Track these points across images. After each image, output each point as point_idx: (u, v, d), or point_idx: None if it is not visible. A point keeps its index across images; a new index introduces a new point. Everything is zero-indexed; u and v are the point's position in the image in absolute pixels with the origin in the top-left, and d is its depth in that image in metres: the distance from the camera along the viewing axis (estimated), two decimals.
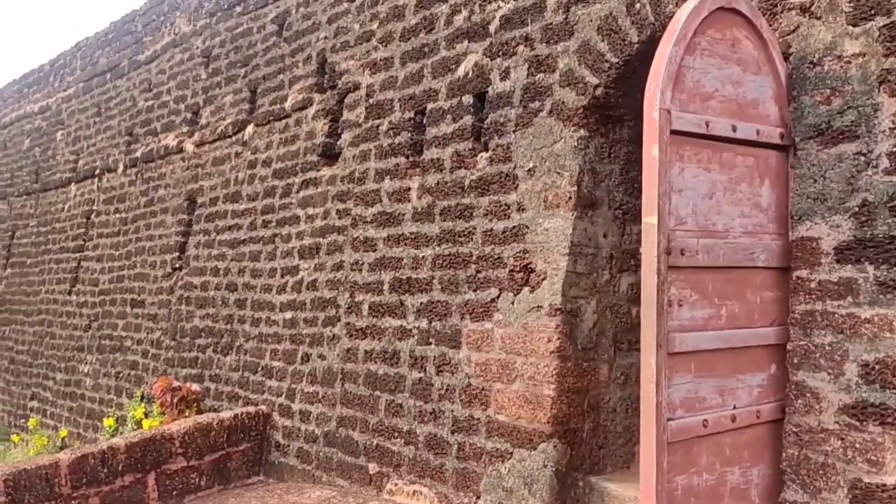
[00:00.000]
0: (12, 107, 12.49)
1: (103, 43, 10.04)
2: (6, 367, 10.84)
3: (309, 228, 6.22)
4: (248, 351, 6.62)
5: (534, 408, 4.13)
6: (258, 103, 7.13)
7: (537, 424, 4.10)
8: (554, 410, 4.04)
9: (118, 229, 9.03)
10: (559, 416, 4.06)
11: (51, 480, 5.17)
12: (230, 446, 6.01)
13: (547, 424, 4.05)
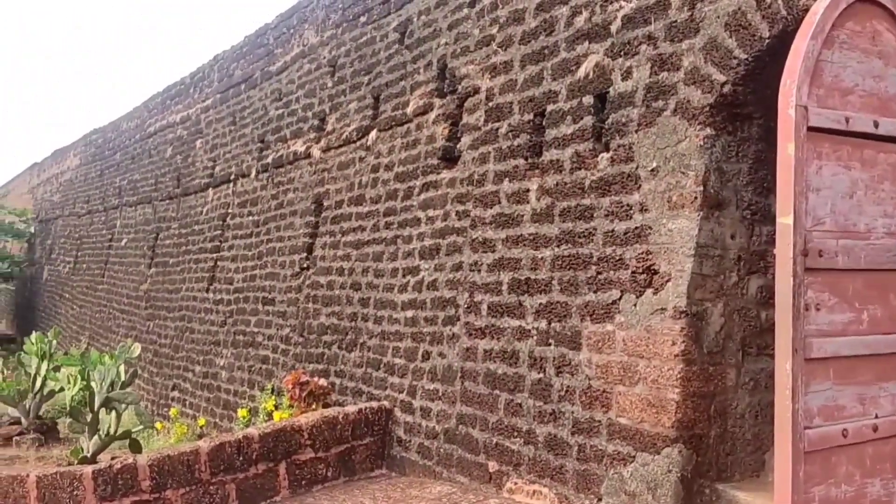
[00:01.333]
0: (157, 117, 13.30)
1: (238, 56, 10.53)
2: (150, 359, 11.53)
3: (429, 230, 6.30)
4: (371, 348, 6.78)
5: (657, 411, 4.01)
6: (381, 109, 7.28)
7: (661, 428, 3.98)
8: (679, 415, 3.92)
9: (251, 231, 9.43)
10: (684, 421, 3.92)
11: (191, 466, 5.44)
12: (354, 440, 6.15)
13: (671, 429, 3.93)
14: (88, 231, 16.48)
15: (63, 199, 19.00)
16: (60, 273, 18.11)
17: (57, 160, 20.25)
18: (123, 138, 14.97)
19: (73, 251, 17.31)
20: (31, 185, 23.16)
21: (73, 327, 16.02)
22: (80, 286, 16.35)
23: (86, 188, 17.14)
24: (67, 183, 18.83)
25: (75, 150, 18.47)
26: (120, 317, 13.59)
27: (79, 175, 17.87)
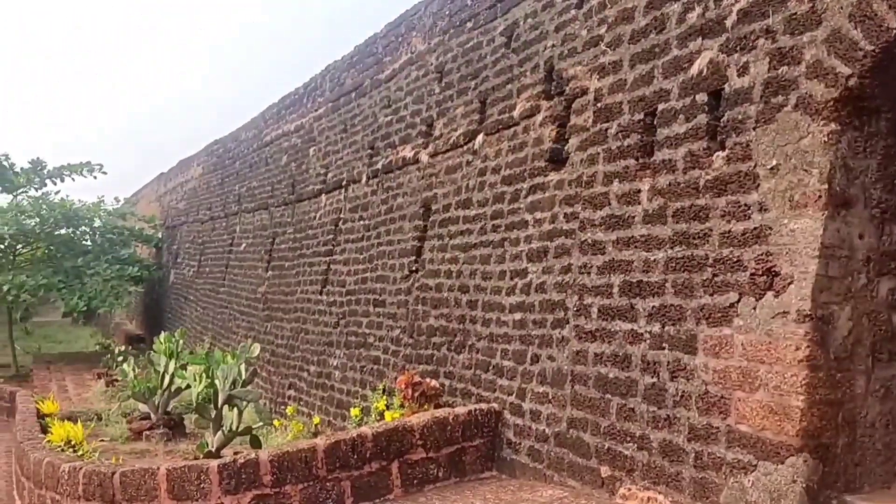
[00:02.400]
0: (272, 127, 13.82)
1: (349, 65, 10.81)
2: (268, 359, 11.98)
3: (537, 232, 6.26)
4: (479, 350, 6.80)
5: (780, 419, 3.84)
6: (488, 113, 7.30)
7: (784, 437, 3.81)
8: (804, 423, 3.73)
9: (362, 235, 9.65)
10: (810, 430, 3.74)
11: (309, 463, 5.62)
12: (464, 441, 6.19)
13: (796, 437, 3.75)
14: (210, 236, 17.30)
15: (187, 207, 20.02)
16: (185, 276, 19.09)
17: (182, 170, 21.36)
18: (242, 148, 15.63)
19: (197, 255, 18.20)
20: (158, 194, 24.53)
21: (197, 328, 16.85)
22: (204, 289, 17.17)
23: (208, 196, 18.00)
24: (191, 191, 19.83)
25: (198, 161, 19.44)
26: (240, 318, 14.18)
27: (202, 183, 18.78)
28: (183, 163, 21.33)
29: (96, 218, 20.61)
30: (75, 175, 21.10)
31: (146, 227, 22.73)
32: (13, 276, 17.85)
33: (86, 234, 20.64)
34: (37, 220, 18.90)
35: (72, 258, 19.25)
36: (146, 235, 22.23)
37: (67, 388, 15.98)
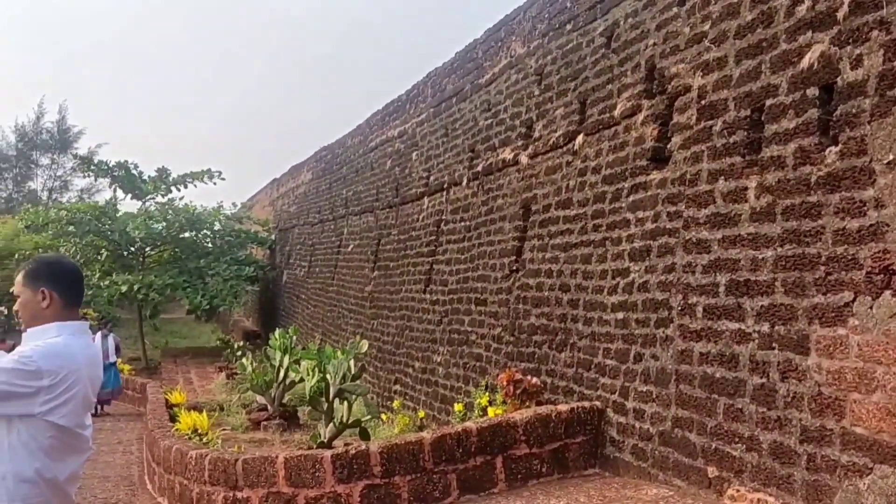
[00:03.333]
0: (377, 133, 14.10)
1: (449, 71, 10.90)
2: (375, 354, 12.22)
3: (639, 231, 6.13)
4: (581, 348, 6.72)
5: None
6: (587, 114, 7.21)
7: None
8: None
9: (463, 236, 9.72)
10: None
11: (416, 455, 5.70)
12: (567, 438, 6.13)
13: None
14: (320, 238, 17.81)
15: (298, 210, 20.68)
16: (297, 276, 19.72)
17: (293, 175, 22.09)
18: (348, 153, 16.02)
19: (308, 257, 18.78)
20: (271, 198, 25.46)
21: (308, 325, 17.38)
22: (314, 288, 17.70)
23: (317, 200, 18.54)
24: (301, 195, 20.48)
25: (308, 166, 20.06)
26: (348, 316, 14.54)
27: (311, 188, 19.37)
28: (293, 169, 22.05)
29: (216, 222, 21.59)
30: (197, 182, 22.18)
31: (261, 230, 23.63)
32: (143, 277, 18.94)
33: (207, 238, 21.66)
34: (163, 225, 19.99)
35: (195, 260, 20.25)
36: (261, 238, 23.10)
37: (192, 380, 16.83)
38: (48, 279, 3.04)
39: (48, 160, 36.27)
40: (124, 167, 21.53)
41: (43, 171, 36.45)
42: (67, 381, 2.90)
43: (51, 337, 2.96)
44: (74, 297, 3.15)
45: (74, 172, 35.35)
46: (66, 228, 19.61)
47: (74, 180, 36.30)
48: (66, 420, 2.91)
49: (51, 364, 2.88)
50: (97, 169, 22.33)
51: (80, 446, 3.08)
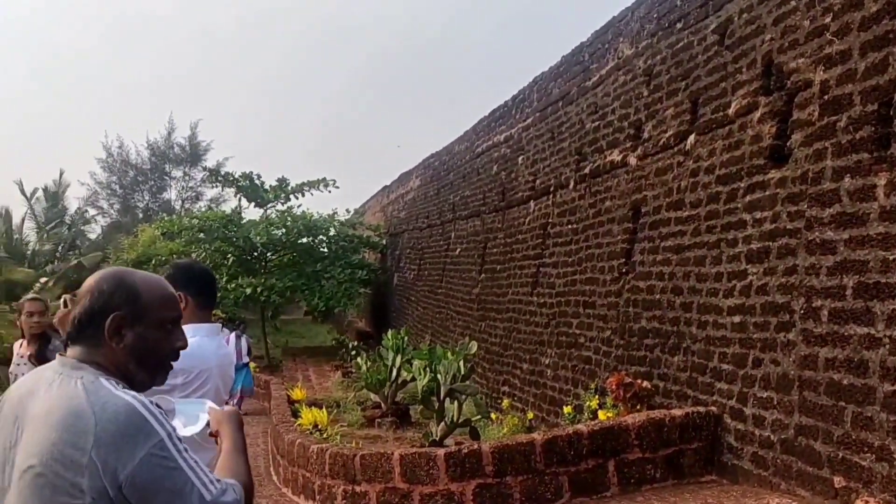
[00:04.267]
0: (483, 139, 14.10)
1: (555, 75, 10.76)
2: (483, 356, 12.21)
3: (756, 232, 5.83)
4: (695, 352, 6.45)
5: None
6: (699, 113, 6.92)
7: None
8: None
9: (570, 238, 9.55)
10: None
11: (528, 456, 5.63)
12: (682, 443, 5.89)
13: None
14: (428, 242, 17.99)
15: (408, 215, 20.98)
16: (407, 279, 20.00)
17: (402, 182, 22.45)
18: (455, 160, 16.11)
19: (417, 260, 19.01)
20: (382, 204, 25.96)
21: (418, 326, 17.57)
22: (423, 290, 17.89)
23: (425, 205, 18.75)
24: (411, 201, 20.77)
25: (416, 173, 20.32)
26: (456, 317, 14.60)
27: (419, 194, 19.61)
28: (403, 176, 22.40)
29: (331, 228, 22.18)
30: (313, 190, 22.88)
31: (372, 235, 24.12)
32: (265, 280, 19.71)
33: (323, 243, 22.28)
34: (283, 231, 20.71)
35: (311, 264, 20.88)
36: (373, 242, 23.57)
37: (311, 377, 17.36)
38: (183, 283, 3.17)
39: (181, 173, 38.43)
40: (248, 178, 22.47)
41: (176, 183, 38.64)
42: (200, 379, 3.00)
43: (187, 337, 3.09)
44: (208, 300, 3.27)
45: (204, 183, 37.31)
46: (197, 235, 20.66)
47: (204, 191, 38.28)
48: None
49: (184, 363, 2.98)
50: (224, 180, 23.43)
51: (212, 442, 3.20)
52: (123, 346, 1.74)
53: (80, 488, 1.53)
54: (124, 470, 1.52)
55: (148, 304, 1.78)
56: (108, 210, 37.18)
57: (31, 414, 1.65)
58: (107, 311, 1.73)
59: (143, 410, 1.59)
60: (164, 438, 1.57)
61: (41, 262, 25.63)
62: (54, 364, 1.77)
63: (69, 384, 1.64)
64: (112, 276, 1.79)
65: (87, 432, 1.54)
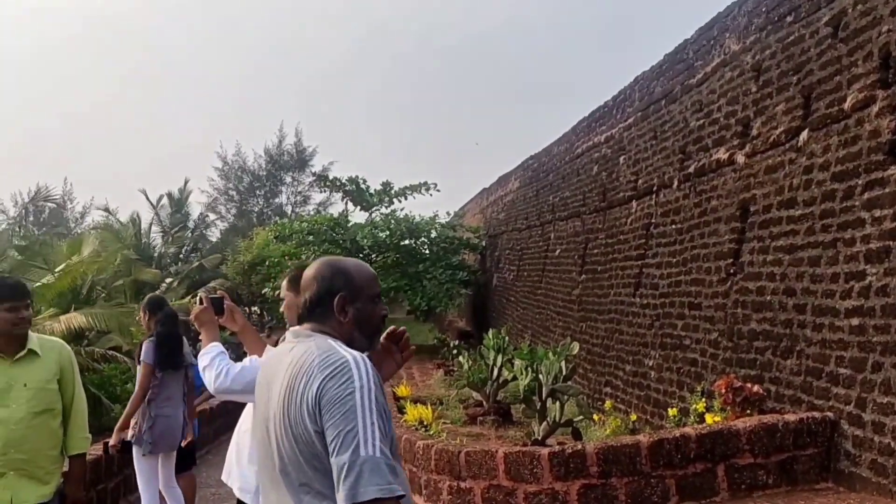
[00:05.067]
0: (583, 139, 13.92)
1: (658, 73, 10.50)
2: (584, 356, 12.04)
3: (876, 231, 5.49)
4: (809, 356, 6.14)
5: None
6: (812, 108, 6.59)
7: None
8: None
9: (674, 239, 9.29)
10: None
11: (633, 458, 5.52)
12: (795, 449, 5.63)
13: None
14: (528, 243, 17.91)
15: (507, 217, 20.97)
16: (506, 280, 19.99)
17: (501, 184, 22.45)
18: (554, 161, 15.97)
19: (516, 261, 18.97)
20: (481, 207, 26.05)
21: (518, 326, 17.53)
22: (523, 291, 17.83)
23: (524, 206, 18.68)
24: (510, 203, 20.75)
25: (515, 175, 20.28)
26: (556, 318, 14.47)
27: (518, 196, 19.56)
28: (502, 178, 22.41)
29: (432, 230, 22.46)
30: (415, 193, 23.25)
31: (472, 237, 24.25)
32: None
33: (424, 245, 22.59)
34: (387, 233, 21.16)
35: (414, 265, 21.21)
36: (472, 244, 23.70)
37: (414, 375, 17.62)
38: None
39: (290, 178, 39.90)
40: (354, 182, 23.09)
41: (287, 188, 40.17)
42: None
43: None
44: None
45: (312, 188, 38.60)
46: (306, 238, 21.40)
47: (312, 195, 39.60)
48: None
49: None
50: (332, 184, 24.16)
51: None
52: (348, 320, 2.09)
53: (304, 419, 1.85)
54: (322, 398, 1.82)
55: (360, 283, 2.12)
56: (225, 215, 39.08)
57: (277, 374, 2.01)
58: (333, 292, 2.08)
59: (353, 364, 1.87)
60: (356, 389, 1.82)
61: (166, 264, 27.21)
62: (289, 335, 2.14)
63: (305, 345, 2.00)
64: (328, 265, 2.15)
65: (313, 378, 1.86)
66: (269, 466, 1.96)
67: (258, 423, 2.07)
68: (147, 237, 27.63)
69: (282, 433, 1.90)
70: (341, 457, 1.74)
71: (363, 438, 1.75)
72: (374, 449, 1.75)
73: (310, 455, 1.84)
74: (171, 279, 24.55)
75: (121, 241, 23.22)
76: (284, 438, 1.89)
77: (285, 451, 1.89)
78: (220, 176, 39.31)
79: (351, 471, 1.72)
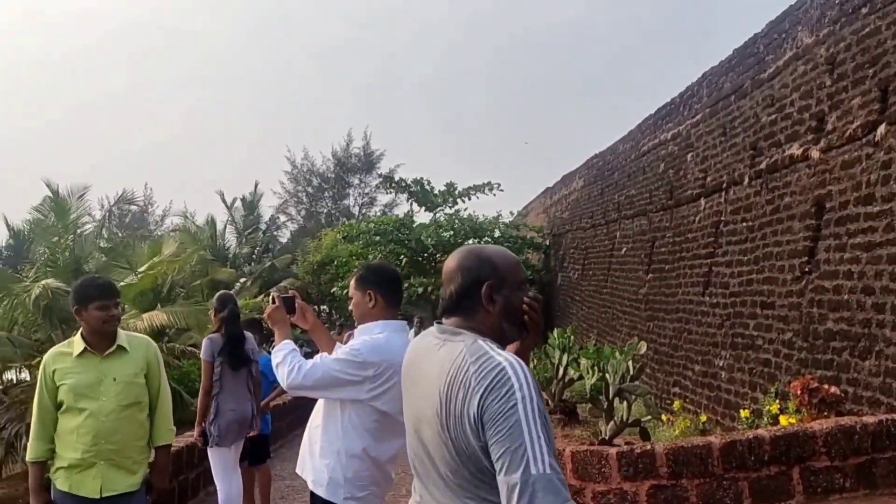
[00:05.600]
0: (649, 137, 13.66)
1: (726, 69, 10.22)
2: (651, 356, 11.82)
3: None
4: (889, 356, 5.88)
5: None
6: (889, 102, 6.31)
7: None
8: None
9: (745, 237, 9.03)
10: None
11: (704, 459, 5.38)
12: (874, 452, 5.38)
13: None
14: (592, 242, 17.69)
15: (571, 216, 20.77)
16: (571, 279, 19.79)
17: (565, 183, 22.24)
18: (620, 159, 15.73)
19: (581, 260, 18.76)
20: (544, 206, 25.86)
21: (583, 325, 17.34)
22: (588, 290, 17.62)
23: (589, 205, 18.46)
24: (574, 202, 20.53)
25: (579, 174, 20.06)
26: (622, 317, 14.25)
27: (583, 195, 19.33)
28: (565, 177, 22.20)
29: (496, 230, 22.44)
30: (479, 193, 23.25)
31: (535, 236, 24.11)
32: (434, 279, 20.30)
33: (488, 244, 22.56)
34: (451, 233, 21.23)
35: None
36: (535, 243, 23.56)
37: None
38: (373, 283, 3.35)
39: (357, 180, 40.47)
40: (419, 183, 23.26)
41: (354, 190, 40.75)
42: (389, 371, 3.15)
43: (376, 333, 3.24)
44: (395, 299, 3.42)
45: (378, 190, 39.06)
46: (373, 238, 21.68)
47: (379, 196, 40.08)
48: (387, 406, 3.17)
49: (375, 357, 3.16)
50: (397, 186, 24.41)
51: (399, 431, 3.35)
52: (497, 310, 1.96)
53: (467, 434, 1.75)
54: (485, 414, 1.71)
55: (505, 270, 2.00)
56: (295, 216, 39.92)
57: (424, 373, 1.94)
58: (480, 282, 1.96)
59: (511, 372, 1.75)
60: (518, 401, 1.70)
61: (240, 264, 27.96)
62: (433, 331, 2.04)
63: (454, 346, 1.88)
64: (473, 254, 2.04)
65: (471, 392, 1.75)
66: (425, 466, 1.90)
67: (409, 418, 2.01)
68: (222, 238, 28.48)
69: (440, 443, 1.82)
70: (511, 476, 1.63)
71: (532, 455, 1.64)
72: (545, 465, 1.63)
73: (475, 469, 1.77)
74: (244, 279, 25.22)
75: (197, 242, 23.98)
76: (445, 449, 1.81)
77: (446, 461, 1.81)
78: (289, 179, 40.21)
79: (524, 492, 1.61)
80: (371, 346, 3.16)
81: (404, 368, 2.11)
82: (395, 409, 3.22)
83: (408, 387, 2.05)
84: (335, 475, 3.17)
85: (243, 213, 30.32)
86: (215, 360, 5.73)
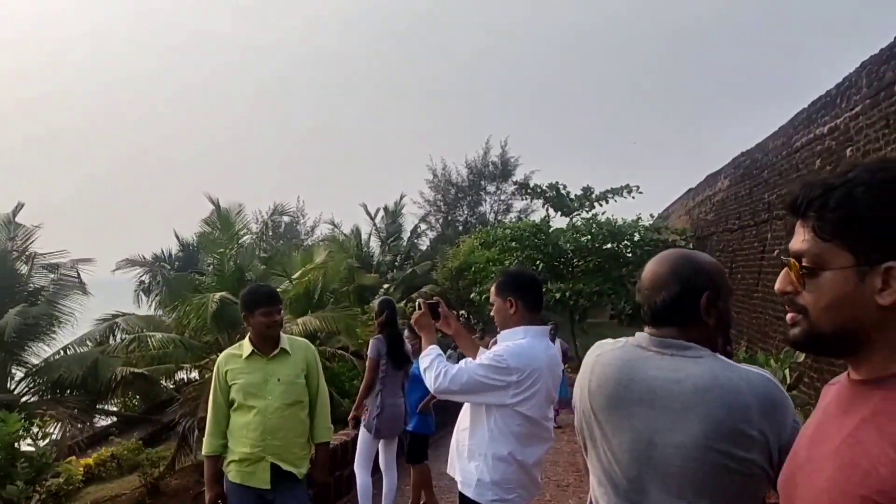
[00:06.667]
0: (802, 132, 12.79)
1: (888, 57, 9.38)
2: (810, 364, 11.02)
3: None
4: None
5: None
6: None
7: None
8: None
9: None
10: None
11: None
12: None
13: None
14: (740, 244, 16.78)
15: (716, 217, 19.80)
16: None
17: (709, 184, 21.25)
18: (770, 157, 14.83)
19: (728, 263, 17.83)
20: (687, 208, 24.83)
21: (732, 331, 16.44)
22: (737, 294, 16.71)
23: (736, 206, 17.52)
24: (719, 203, 19.57)
25: (725, 174, 19.09)
26: (775, 323, 13.39)
27: (729, 195, 18.39)
28: (710, 177, 21.22)
29: (636, 233, 21.81)
30: (616, 197, 22.72)
31: (677, 239, 23.21)
32: (572, 284, 20.03)
33: (627, 248, 22.00)
34: (588, 238, 20.87)
35: (617, 268, 20.73)
36: (678, 247, 22.68)
37: None
38: (513, 289, 3.36)
39: (493, 188, 40.75)
40: (555, 188, 23.08)
41: (489, 197, 41.07)
42: (532, 377, 3.15)
43: (518, 339, 3.25)
44: (535, 304, 3.42)
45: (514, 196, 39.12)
46: (509, 244, 21.73)
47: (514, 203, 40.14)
48: (532, 411, 3.17)
49: (518, 362, 3.17)
50: (533, 192, 24.34)
51: (544, 435, 3.33)
52: (714, 321, 1.84)
53: (751, 461, 1.66)
54: (780, 439, 1.65)
55: (720, 280, 1.88)
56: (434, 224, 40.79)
57: (656, 389, 1.78)
58: (698, 291, 1.83)
59: (776, 382, 1.73)
60: (792, 407, 1.69)
61: (384, 270, 28.95)
62: (644, 341, 1.88)
63: (700, 363, 1.77)
64: (687, 261, 1.89)
65: (749, 407, 1.67)
66: (655, 474, 1.77)
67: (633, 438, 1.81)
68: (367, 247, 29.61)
69: (691, 464, 1.70)
70: None
71: None
72: None
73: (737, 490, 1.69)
74: (387, 285, 26.07)
75: (345, 250, 25.09)
76: (700, 471, 1.70)
77: (691, 479, 1.71)
78: (430, 188, 41.16)
79: None
80: (514, 351, 3.18)
81: (609, 383, 1.89)
82: (539, 414, 3.22)
83: (626, 404, 1.83)
84: (483, 477, 3.21)
85: (387, 222, 31.37)
86: (381, 359, 6.08)
